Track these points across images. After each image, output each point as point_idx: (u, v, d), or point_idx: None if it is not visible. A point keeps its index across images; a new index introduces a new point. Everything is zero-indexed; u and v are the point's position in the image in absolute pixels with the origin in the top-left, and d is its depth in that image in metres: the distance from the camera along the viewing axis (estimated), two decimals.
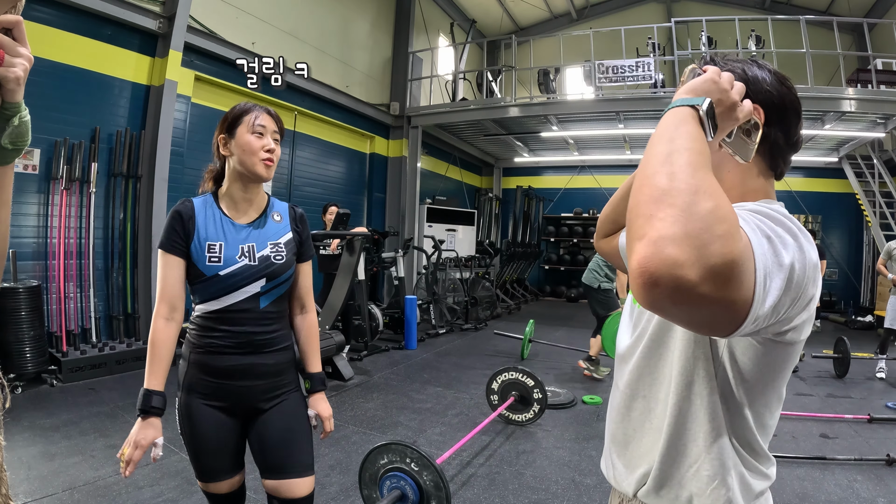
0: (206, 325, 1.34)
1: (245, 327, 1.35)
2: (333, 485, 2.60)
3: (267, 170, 1.36)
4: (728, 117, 0.64)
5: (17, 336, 3.74)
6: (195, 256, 1.32)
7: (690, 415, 0.73)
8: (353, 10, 7.99)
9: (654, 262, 0.46)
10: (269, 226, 1.43)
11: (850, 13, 8.90)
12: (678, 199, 0.49)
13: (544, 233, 12.00)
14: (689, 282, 0.45)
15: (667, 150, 0.54)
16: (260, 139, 1.34)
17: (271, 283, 1.38)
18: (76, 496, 2.33)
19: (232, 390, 1.35)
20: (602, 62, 7.48)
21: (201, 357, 1.34)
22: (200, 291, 1.34)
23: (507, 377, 3.49)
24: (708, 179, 0.51)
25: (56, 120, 4.31)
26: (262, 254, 1.37)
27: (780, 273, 0.54)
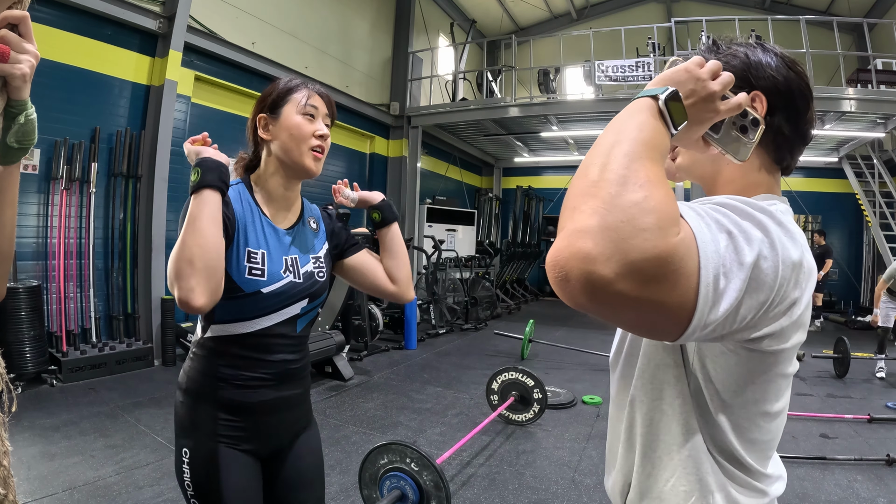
0: (230, 353, 1.08)
1: (280, 355, 1.12)
2: (333, 485, 2.60)
3: (316, 163, 1.12)
4: (704, 109, 0.58)
5: (17, 336, 3.74)
6: (230, 263, 1.03)
7: (662, 425, 0.67)
8: (353, 10, 8.00)
9: (564, 254, 0.43)
10: (308, 234, 1.20)
11: (850, 13, 8.90)
12: (603, 191, 0.45)
13: (544, 233, 12.00)
14: (603, 278, 0.42)
15: (611, 140, 0.51)
16: (311, 122, 1.11)
17: (312, 304, 1.16)
18: (76, 496, 2.33)
19: (262, 429, 1.12)
20: (602, 62, 7.48)
21: (228, 393, 1.07)
22: (229, 309, 1.05)
23: (507, 377, 3.49)
24: (643, 170, 0.47)
25: (56, 120, 4.30)
26: (306, 269, 1.14)
27: (741, 273, 0.48)
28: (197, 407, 1.08)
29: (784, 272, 0.51)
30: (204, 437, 1.06)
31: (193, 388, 1.09)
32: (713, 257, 0.47)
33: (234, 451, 1.07)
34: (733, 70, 0.64)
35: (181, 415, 1.10)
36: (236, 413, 1.08)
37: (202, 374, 1.09)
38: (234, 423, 1.08)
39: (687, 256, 0.45)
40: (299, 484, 1.20)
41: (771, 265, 0.50)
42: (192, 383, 1.09)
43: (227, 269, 1.02)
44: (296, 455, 1.20)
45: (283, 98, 1.11)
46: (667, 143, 0.54)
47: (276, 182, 1.13)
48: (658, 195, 0.45)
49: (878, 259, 8.70)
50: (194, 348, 1.12)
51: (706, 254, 0.46)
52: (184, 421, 1.09)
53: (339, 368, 4.51)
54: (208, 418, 1.07)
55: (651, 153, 0.50)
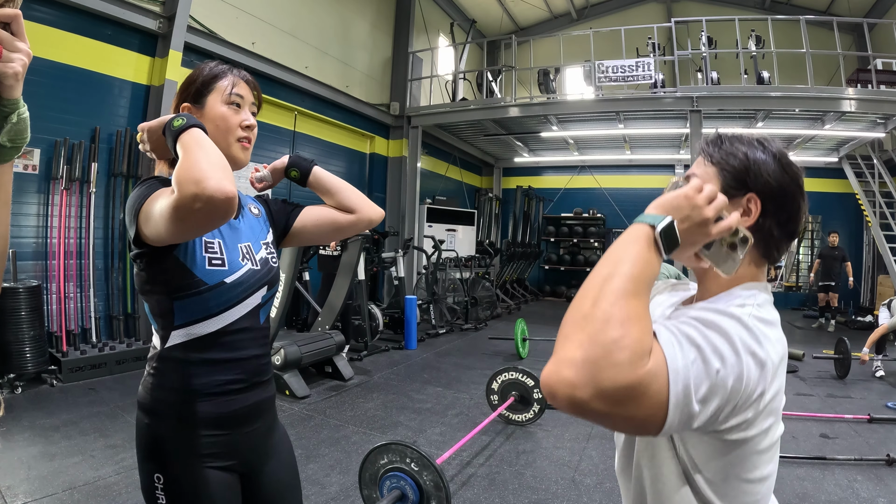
0: (198, 359, 1.00)
1: (249, 350, 1.06)
2: (333, 485, 2.59)
3: (244, 152, 1.07)
4: (697, 233, 0.65)
5: (17, 336, 3.74)
6: (187, 254, 0.97)
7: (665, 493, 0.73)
8: (352, 10, 7.99)
9: (552, 379, 0.53)
10: (252, 221, 1.15)
11: (850, 13, 8.90)
12: (589, 327, 0.54)
13: (544, 233, 12.00)
14: (581, 400, 0.51)
15: (607, 272, 0.59)
16: (236, 112, 1.06)
17: (270, 291, 1.12)
18: (76, 496, 2.33)
19: (241, 442, 1.05)
20: (602, 62, 7.48)
21: (203, 406, 0.99)
22: (191, 307, 0.98)
23: (507, 377, 3.49)
24: (627, 308, 0.55)
25: (56, 120, 4.31)
26: (261, 256, 1.11)
27: (707, 381, 0.56)
28: (168, 428, 0.99)
29: (749, 374, 0.59)
30: (179, 461, 0.98)
31: (161, 409, 1.00)
32: (682, 372, 0.55)
33: (214, 471, 1.00)
34: (732, 170, 0.73)
35: (146, 438, 1.00)
36: (214, 427, 1.01)
37: (170, 389, 0.99)
38: (212, 438, 1.00)
39: (654, 381, 0.54)
40: (284, 490, 1.17)
41: (735, 371, 0.58)
42: (158, 403, 1.00)
43: (185, 262, 0.96)
44: (274, 464, 1.16)
45: (208, 87, 1.06)
46: (656, 269, 0.62)
47: None
48: (634, 333, 0.53)
49: (878, 259, 8.70)
50: (154, 363, 1.02)
51: (675, 371, 0.55)
52: (150, 445, 0.99)
53: (339, 368, 4.51)
54: (183, 438, 0.99)
55: (638, 288, 0.58)
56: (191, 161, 0.84)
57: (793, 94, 6.82)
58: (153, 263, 0.97)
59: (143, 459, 1.01)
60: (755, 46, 7.93)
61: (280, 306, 4.21)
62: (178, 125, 0.91)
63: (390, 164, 8.84)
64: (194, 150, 0.86)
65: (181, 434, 0.99)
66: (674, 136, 9.20)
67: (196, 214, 0.81)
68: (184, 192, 0.80)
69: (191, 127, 0.91)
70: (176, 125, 0.91)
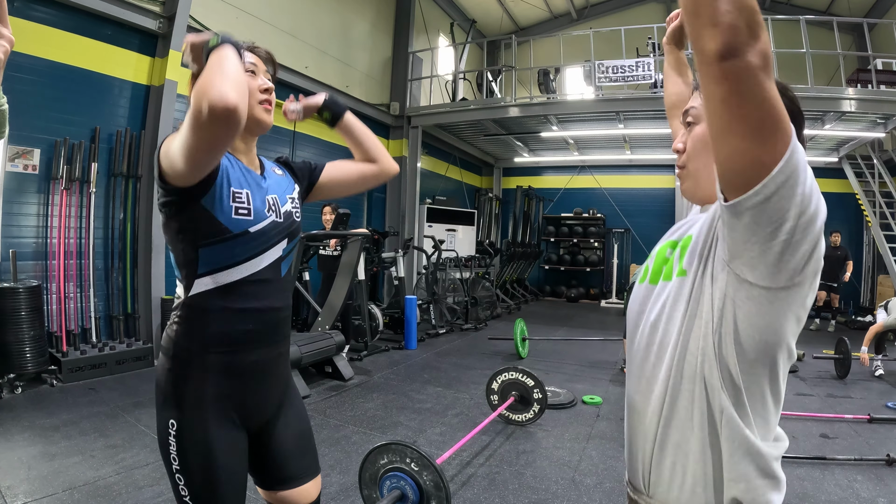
0: (220, 307, 1.02)
1: (269, 301, 1.08)
2: (333, 485, 2.59)
3: (267, 114, 1.13)
4: None
5: (17, 336, 3.74)
6: (214, 202, 0.99)
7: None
8: (352, 10, 7.99)
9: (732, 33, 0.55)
10: (279, 178, 1.20)
11: (850, 13, 8.90)
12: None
13: (544, 233, 12.00)
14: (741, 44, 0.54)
15: None
16: (253, 78, 1.11)
17: (291, 244, 1.16)
18: (76, 496, 2.33)
19: (252, 397, 1.08)
20: (602, 62, 7.48)
21: (220, 356, 1.03)
22: (216, 255, 1.01)
23: (507, 377, 3.49)
24: None
25: (56, 120, 4.31)
26: (286, 209, 1.15)
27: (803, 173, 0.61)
28: (185, 374, 1.02)
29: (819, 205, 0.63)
30: (193, 408, 1.01)
31: (179, 353, 1.03)
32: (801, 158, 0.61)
33: (223, 422, 1.03)
34: None
35: (166, 384, 1.04)
36: (228, 377, 1.04)
37: (191, 336, 1.03)
38: (225, 389, 1.04)
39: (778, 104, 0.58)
40: (293, 454, 1.19)
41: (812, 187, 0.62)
42: (179, 348, 1.03)
43: (212, 210, 0.99)
44: (284, 424, 1.18)
45: None
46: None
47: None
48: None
49: (878, 259, 8.69)
50: (179, 311, 1.05)
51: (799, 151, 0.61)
52: (169, 390, 1.03)
53: (339, 368, 4.51)
54: (198, 386, 1.02)
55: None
56: (204, 77, 0.86)
57: None
58: (181, 211, 0.99)
59: (160, 406, 1.05)
60: None
61: None
62: (213, 44, 0.94)
63: None
64: (213, 67, 0.88)
65: (195, 382, 1.02)
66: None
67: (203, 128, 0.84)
68: (193, 105, 0.84)
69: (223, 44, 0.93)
70: (211, 44, 0.94)
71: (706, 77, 0.58)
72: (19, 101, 4.11)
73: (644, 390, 0.82)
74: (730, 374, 0.71)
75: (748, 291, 0.67)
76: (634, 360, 0.86)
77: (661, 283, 0.83)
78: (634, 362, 0.86)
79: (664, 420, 0.77)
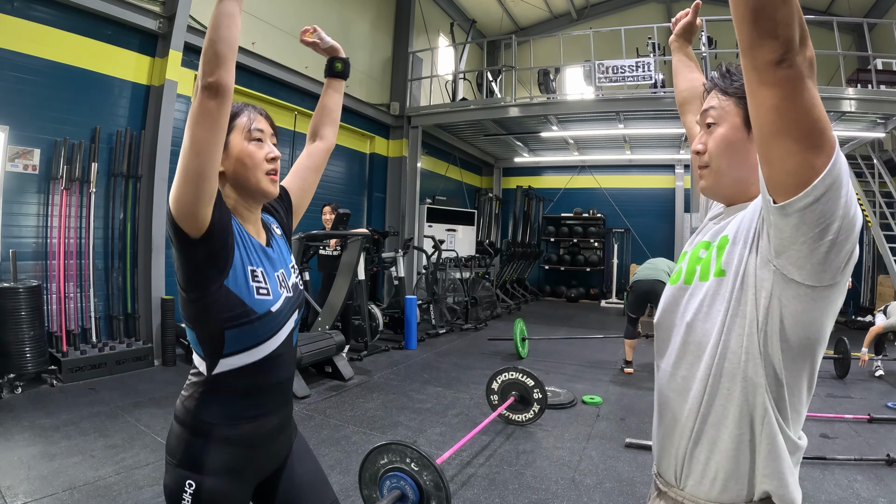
0: (244, 386, 1.04)
1: (282, 374, 1.10)
2: (333, 485, 2.58)
3: (273, 185, 1.10)
4: None
5: (17, 336, 3.74)
6: (236, 285, 0.99)
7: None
8: (352, 10, 7.99)
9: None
10: (282, 245, 1.19)
11: (850, 13, 8.90)
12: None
13: (544, 233, 12.00)
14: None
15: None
16: (260, 147, 1.09)
17: (299, 315, 1.16)
18: (76, 496, 2.33)
19: (265, 457, 1.11)
20: (602, 62, 7.48)
21: (243, 429, 1.04)
22: (242, 336, 1.01)
23: (507, 377, 3.49)
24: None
25: (56, 120, 4.31)
26: (292, 281, 1.15)
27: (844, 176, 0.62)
28: (204, 445, 1.03)
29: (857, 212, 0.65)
30: (213, 473, 1.02)
31: (201, 427, 1.03)
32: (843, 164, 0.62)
33: (237, 483, 1.05)
34: None
35: (182, 448, 1.04)
36: (248, 447, 1.06)
37: (211, 413, 1.03)
38: (245, 457, 1.06)
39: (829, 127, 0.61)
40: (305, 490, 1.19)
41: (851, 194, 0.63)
42: (198, 422, 1.03)
43: (237, 292, 0.99)
44: (291, 469, 1.19)
45: (229, 126, 1.08)
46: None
47: (241, 206, 1.10)
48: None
49: (878, 259, 8.69)
50: (199, 387, 1.05)
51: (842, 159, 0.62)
52: (187, 455, 1.03)
53: (339, 368, 4.51)
54: (218, 455, 1.03)
55: None
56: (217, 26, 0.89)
57: None
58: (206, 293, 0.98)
59: (177, 464, 1.03)
60: None
61: None
62: None
63: (390, 164, 8.84)
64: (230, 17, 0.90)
65: (218, 452, 1.02)
66: (674, 136, 9.19)
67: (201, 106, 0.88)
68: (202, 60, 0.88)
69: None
70: None
71: (759, 83, 0.61)
72: (19, 101, 4.11)
73: (680, 388, 0.83)
74: (774, 372, 0.73)
75: (795, 290, 0.69)
76: (668, 359, 0.87)
77: (696, 282, 0.84)
78: (668, 361, 0.87)
79: (701, 417, 0.79)
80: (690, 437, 0.81)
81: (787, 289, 0.70)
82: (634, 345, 5.13)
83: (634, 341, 5.12)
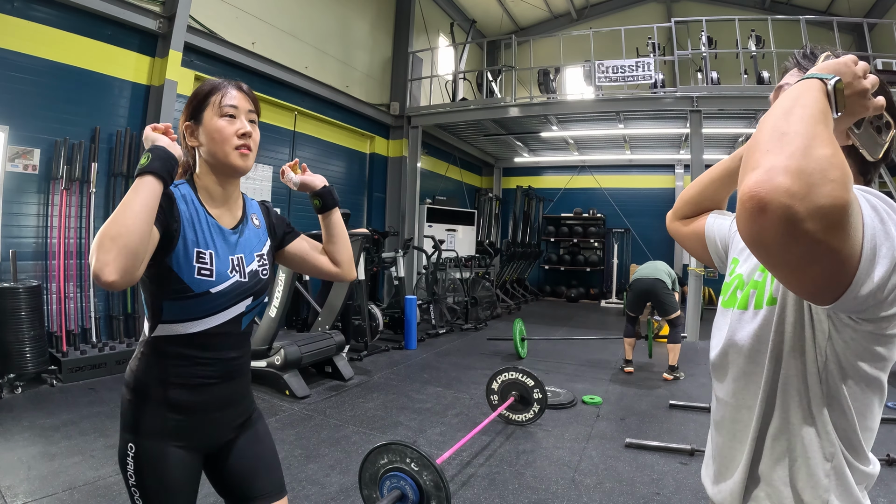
0: (177, 353, 1.10)
1: (224, 352, 1.15)
2: (333, 485, 2.59)
3: (244, 159, 1.12)
4: (857, 103, 0.63)
5: (17, 336, 3.74)
6: (177, 263, 1.05)
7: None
8: (352, 10, 7.99)
9: (765, 187, 0.48)
10: (252, 232, 1.23)
11: (850, 13, 8.90)
12: (796, 141, 0.51)
13: (544, 233, 12.00)
14: (796, 213, 0.47)
15: (789, 105, 0.56)
16: (231, 123, 1.11)
17: (256, 301, 1.20)
18: (76, 496, 2.33)
19: (206, 425, 1.16)
20: (602, 62, 7.48)
21: (174, 392, 1.10)
22: (177, 309, 1.08)
23: (507, 377, 3.49)
24: (826, 132, 0.52)
25: (56, 120, 4.31)
26: (251, 268, 1.18)
27: (888, 243, 0.54)
28: (142, 405, 1.10)
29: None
30: (148, 435, 1.10)
31: (139, 388, 1.11)
32: (870, 225, 0.53)
33: (176, 448, 1.11)
34: None
35: (127, 411, 1.12)
36: (180, 412, 1.11)
37: (148, 374, 1.11)
38: (179, 421, 1.11)
39: (858, 213, 0.51)
40: (254, 473, 1.24)
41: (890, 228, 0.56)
42: (137, 383, 1.11)
43: (176, 270, 1.05)
44: (242, 446, 1.24)
45: (203, 103, 1.13)
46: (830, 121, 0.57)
47: (212, 182, 1.15)
48: (841, 156, 0.50)
49: None
50: (142, 347, 1.13)
51: (867, 220, 0.53)
52: (129, 418, 1.11)
53: (339, 368, 4.51)
54: (153, 417, 1.10)
55: (826, 121, 0.55)
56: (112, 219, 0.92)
57: None
58: (150, 266, 1.03)
59: (122, 429, 1.12)
60: (755, 46, 7.93)
61: (280, 306, 4.22)
62: (140, 165, 0.98)
63: (390, 164, 8.84)
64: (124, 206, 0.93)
65: (150, 413, 1.10)
66: (674, 136, 9.19)
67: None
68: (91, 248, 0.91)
69: (146, 174, 0.97)
70: (140, 164, 0.99)
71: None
72: (19, 101, 4.11)
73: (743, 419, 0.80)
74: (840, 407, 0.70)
75: (852, 332, 0.66)
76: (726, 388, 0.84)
77: (751, 310, 0.80)
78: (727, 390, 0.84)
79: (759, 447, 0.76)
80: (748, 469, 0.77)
81: (845, 330, 0.66)
82: (634, 343, 5.14)
83: (634, 340, 5.12)
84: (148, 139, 1.05)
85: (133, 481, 1.11)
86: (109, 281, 0.89)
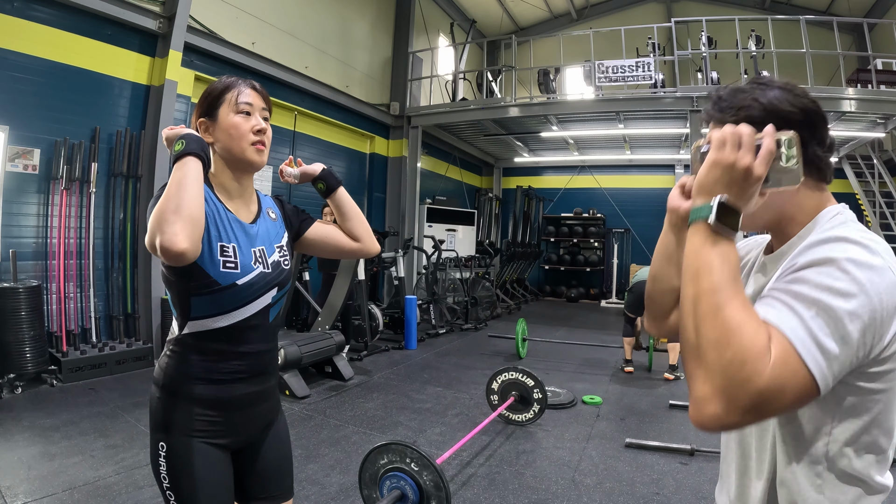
0: (208, 348, 1.11)
1: (254, 345, 1.16)
2: (333, 485, 2.59)
3: (260, 154, 1.16)
4: (749, 185, 0.62)
5: (17, 336, 3.74)
6: (202, 258, 1.06)
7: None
8: (352, 10, 7.99)
9: (700, 419, 0.57)
10: (269, 225, 1.24)
11: (850, 13, 8.90)
12: (704, 357, 0.57)
13: (544, 233, 12.00)
14: (733, 422, 0.56)
15: (693, 293, 0.61)
16: (247, 120, 1.14)
17: (280, 292, 1.21)
18: (76, 496, 2.33)
19: (236, 423, 1.16)
20: (602, 62, 7.48)
21: (205, 389, 1.11)
22: (206, 304, 1.09)
23: (507, 377, 3.49)
24: (726, 322, 0.57)
25: (56, 120, 4.31)
26: (273, 259, 1.20)
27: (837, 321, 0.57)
28: (173, 403, 1.12)
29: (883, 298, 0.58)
30: (180, 433, 1.11)
31: (170, 385, 1.13)
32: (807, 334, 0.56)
33: (208, 445, 1.12)
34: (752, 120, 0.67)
35: (157, 410, 1.14)
36: (212, 408, 1.12)
37: (179, 371, 1.12)
38: (210, 418, 1.12)
39: (786, 366, 0.55)
40: (272, 474, 1.26)
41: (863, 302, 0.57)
42: (168, 380, 1.13)
43: (201, 264, 1.06)
44: (267, 447, 1.25)
45: (218, 100, 1.15)
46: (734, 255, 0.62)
47: (228, 177, 1.18)
48: (745, 343, 0.55)
49: None
50: (171, 346, 1.15)
51: (801, 340, 0.56)
52: (159, 416, 1.13)
53: (339, 368, 4.51)
54: (184, 415, 1.11)
55: (726, 292, 0.59)
56: (167, 196, 0.96)
57: None
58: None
59: (152, 429, 1.14)
60: (755, 46, 7.93)
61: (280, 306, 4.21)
62: (177, 150, 1.03)
63: (390, 164, 8.84)
64: (172, 189, 0.97)
65: (181, 411, 1.11)
66: (674, 136, 9.20)
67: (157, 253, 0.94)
68: (149, 234, 0.94)
69: (185, 156, 1.02)
70: (176, 150, 1.03)
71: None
72: (19, 101, 4.11)
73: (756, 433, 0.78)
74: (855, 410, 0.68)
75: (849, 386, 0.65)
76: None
77: None
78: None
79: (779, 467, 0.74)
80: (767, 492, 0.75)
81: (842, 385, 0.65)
82: (633, 342, 5.14)
83: (633, 339, 5.13)
84: (171, 137, 1.07)
85: (167, 483, 1.11)
86: (181, 248, 0.91)
